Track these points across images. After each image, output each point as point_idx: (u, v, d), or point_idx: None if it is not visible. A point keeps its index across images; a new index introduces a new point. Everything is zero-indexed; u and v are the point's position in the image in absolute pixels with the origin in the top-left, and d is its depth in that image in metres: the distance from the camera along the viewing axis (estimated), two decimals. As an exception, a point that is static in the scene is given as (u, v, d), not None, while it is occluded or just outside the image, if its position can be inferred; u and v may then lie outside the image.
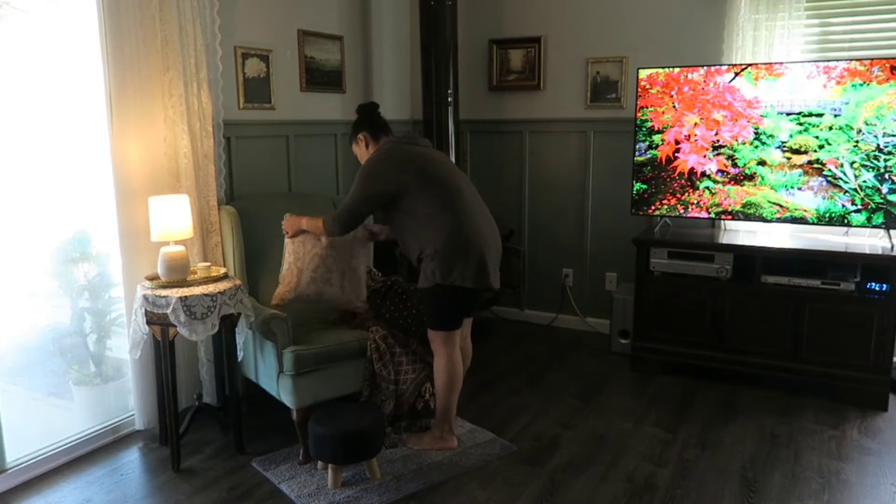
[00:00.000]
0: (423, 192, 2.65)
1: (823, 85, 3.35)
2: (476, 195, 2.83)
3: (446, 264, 2.62)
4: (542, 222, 4.56)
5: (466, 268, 2.63)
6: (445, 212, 2.65)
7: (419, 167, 2.69)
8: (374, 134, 2.83)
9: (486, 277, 2.68)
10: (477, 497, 2.56)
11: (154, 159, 2.97)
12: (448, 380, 2.79)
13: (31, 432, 2.84)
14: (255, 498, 2.58)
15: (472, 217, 2.70)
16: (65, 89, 2.85)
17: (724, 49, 3.76)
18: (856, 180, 3.38)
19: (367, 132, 2.84)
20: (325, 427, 2.55)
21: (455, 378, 2.81)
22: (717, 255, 3.56)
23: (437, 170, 2.73)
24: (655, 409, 3.32)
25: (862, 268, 3.36)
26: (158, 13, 2.87)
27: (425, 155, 2.77)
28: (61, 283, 2.98)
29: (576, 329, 4.52)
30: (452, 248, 2.62)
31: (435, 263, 2.63)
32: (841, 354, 3.31)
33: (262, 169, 3.68)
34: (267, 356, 2.85)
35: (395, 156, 2.70)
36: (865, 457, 2.85)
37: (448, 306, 2.74)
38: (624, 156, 4.08)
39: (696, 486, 2.63)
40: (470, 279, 2.64)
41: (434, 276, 2.64)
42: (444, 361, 2.78)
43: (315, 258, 2.94)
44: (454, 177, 2.78)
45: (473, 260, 2.64)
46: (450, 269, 2.62)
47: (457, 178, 2.79)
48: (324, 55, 4.00)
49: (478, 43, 4.53)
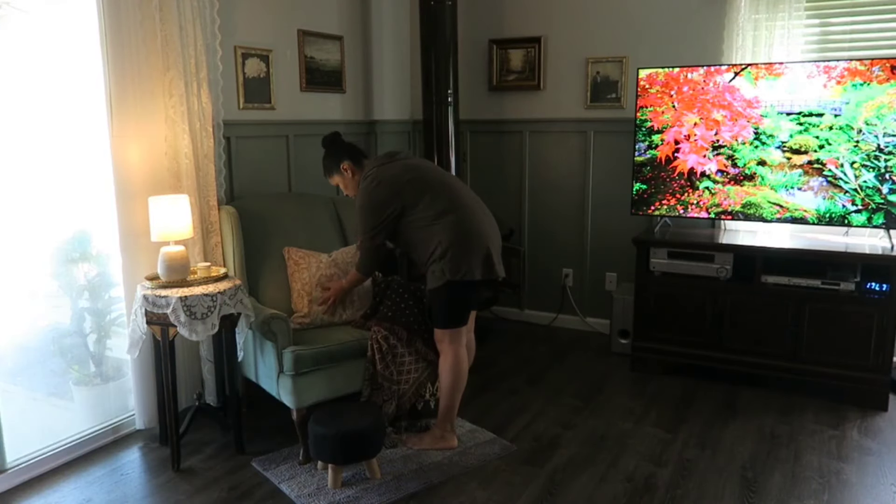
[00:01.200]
0: (421, 201, 2.74)
1: (823, 85, 3.35)
2: (469, 190, 2.92)
3: (455, 261, 2.68)
4: (542, 222, 4.56)
5: (474, 261, 2.71)
6: (446, 212, 2.72)
7: (410, 181, 2.78)
8: (357, 160, 2.93)
9: (492, 267, 2.76)
10: (477, 497, 2.56)
11: (154, 159, 2.97)
12: (454, 378, 2.82)
13: (31, 432, 2.83)
14: (255, 498, 2.58)
15: (471, 212, 2.78)
16: (65, 89, 2.85)
17: (724, 49, 3.76)
18: (856, 180, 3.38)
19: (349, 161, 2.92)
20: (325, 427, 2.55)
21: (461, 376, 2.84)
22: (717, 255, 3.56)
23: (426, 175, 2.83)
24: (655, 409, 3.32)
25: (862, 268, 3.36)
26: (158, 13, 2.87)
27: (410, 167, 2.85)
28: (61, 283, 2.98)
29: (576, 329, 4.52)
30: (458, 245, 2.69)
31: (444, 262, 2.69)
32: (841, 354, 3.31)
33: (262, 169, 3.68)
34: (267, 356, 2.85)
35: (384, 180, 2.77)
36: (865, 457, 2.85)
37: (458, 302, 2.78)
38: (624, 156, 4.08)
39: (696, 486, 2.63)
40: (478, 271, 2.72)
41: (444, 274, 2.69)
42: (451, 359, 2.82)
43: (322, 279, 3.07)
44: (443, 177, 2.90)
45: (479, 252, 2.72)
46: (458, 265, 2.68)
47: (446, 178, 2.92)
48: (324, 55, 4.00)
49: (478, 43, 4.53)
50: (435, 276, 2.72)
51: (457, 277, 2.69)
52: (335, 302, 3.03)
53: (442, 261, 2.69)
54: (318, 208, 3.48)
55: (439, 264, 2.70)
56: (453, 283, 2.70)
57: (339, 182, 2.99)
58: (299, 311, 3.05)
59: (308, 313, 3.04)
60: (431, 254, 2.72)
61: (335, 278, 3.10)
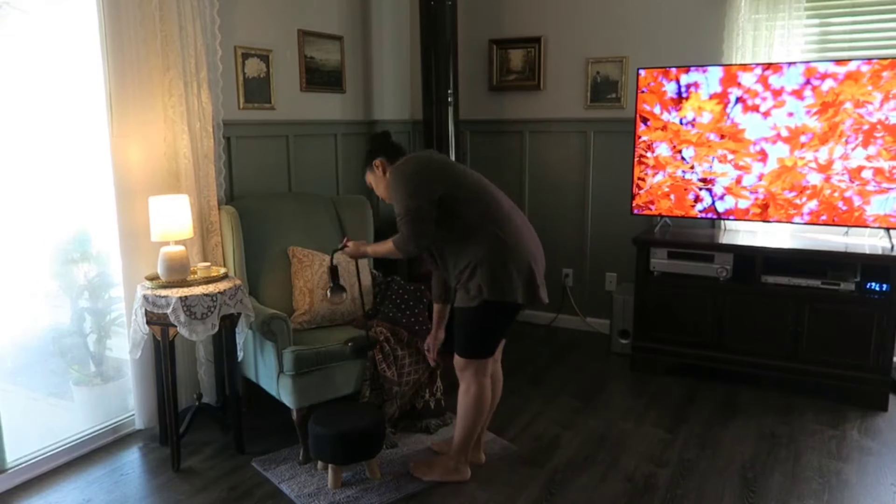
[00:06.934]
0: (463, 197, 2.40)
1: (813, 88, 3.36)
2: (515, 206, 2.55)
3: (494, 278, 2.34)
4: (542, 222, 4.53)
5: (516, 281, 2.36)
6: (487, 221, 2.39)
7: (452, 175, 2.46)
8: (392, 158, 2.56)
9: (535, 291, 2.41)
10: (477, 497, 2.56)
11: (154, 159, 2.97)
12: (475, 412, 2.52)
13: (31, 432, 2.83)
14: (255, 498, 2.58)
15: (516, 227, 2.43)
16: (65, 89, 2.85)
17: (724, 49, 3.76)
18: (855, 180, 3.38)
19: (383, 157, 2.57)
20: (325, 427, 2.55)
21: (482, 410, 2.54)
22: (717, 255, 3.56)
23: (470, 177, 2.50)
24: (655, 409, 3.32)
25: (862, 268, 3.36)
26: (158, 13, 2.87)
27: (451, 163, 2.62)
28: (61, 283, 2.98)
29: (576, 329, 4.52)
30: (498, 261, 2.35)
31: (481, 278, 2.34)
32: (841, 354, 3.31)
33: (262, 169, 3.68)
34: (267, 356, 2.85)
35: (418, 159, 2.50)
36: (865, 457, 2.85)
37: (491, 328, 2.48)
38: (624, 156, 4.08)
39: (696, 486, 2.63)
40: (520, 294, 2.38)
41: (481, 293, 2.35)
42: (475, 390, 2.50)
43: (324, 276, 3.06)
44: (487, 185, 2.52)
45: (523, 273, 2.38)
46: (499, 283, 2.34)
47: (491, 188, 2.52)
48: (324, 55, 4.00)
49: (478, 43, 4.53)
50: (469, 295, 2.38)
51: (496, 297, 2.34)
52: (349, 250, 2.65)
53: (477, 276, 2.34)
54: (318, 208, 3.48)
55: (475, 280, 2.35)
56: (490, 304, 2.36)
57: (371, 180, 2.64)
58: (300, 310, 3.05)
59: (309, 310, 3.03)
60: (466, 266, 2.38)
61: None
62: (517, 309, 2.47)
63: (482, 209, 2.40)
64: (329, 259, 2.67)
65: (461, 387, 2.55)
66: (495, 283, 2.34)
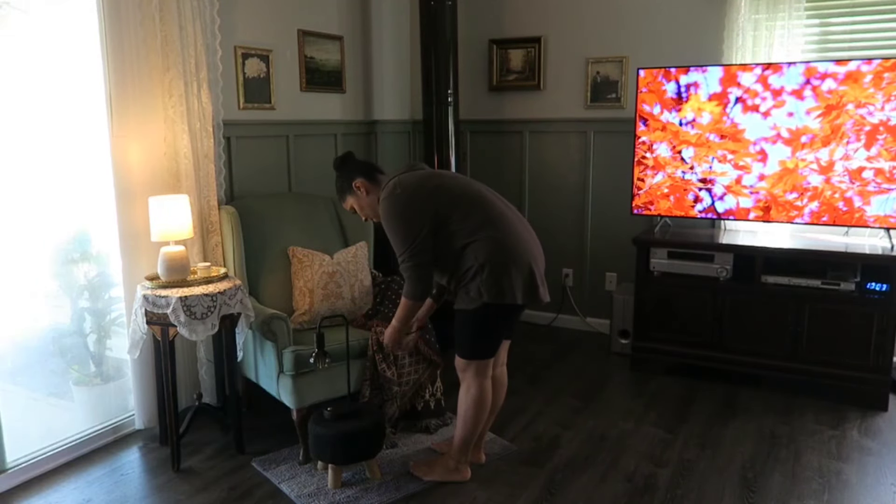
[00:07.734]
0: (455, 210, 2.39)
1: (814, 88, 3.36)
2: (508, 204, 2.55)
3: (494, 280, 2.34)
4: (541, 222, 4.54)
5: (516, 281, 2.36)
6: (483, 225, 2.38)
7: (437, 187, 2.44)
8: (371, 177, 2.55)
9: (535, 291, 2.42)
10: (477, 497, 2.56)
11: (154, 159, 2.97)
12: (476, 412, 2.53)
13: (31, 432, 2.83)
14: (255, 498, 2.58)
15: (512, 227, 2.43)
16: (65, 89, 2.85)
17: (723, 49, 3.76)
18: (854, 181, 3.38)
19: (361, 178, 2.54)
20: (325, 427, 2.55)
21: (483, 411, 2.55)
22: (717, 255, 3.56)
23: (457, 185, 2.50)
24: (655, 409, 3.32)
25: (862, 268, 3.36)
26: (158, 13, 2.87)
27: (434, 174, 2.56)
28: (61, 284, 2.98)
29: (576, 329, 4.52)
30: (498, 262, 2.35)
31: (481, 281, 2.35)
32: (841, 354, 3.31)
33: (262, 169, 3.68)
34: (267, 356, 2.85)
35: (409, 185, 2.42)
36: (865, 457, 2.85)
37: (491, 329, 2.48)
38: (624, 156, 4.08)
39: (696, 486, 2.63)
40: (521, 294, 2.38)
41: (481, 295, 2.35)
42: (476, 391, 2.51)
43: (324, 276, 3.06)
44: (478, 188, 2.51)
45: (522, 271, 2.38)
46: (499, 285, 2.34)
47: (481, 189, 2.51)
48: (324, 55, 4.00)
49: (478, 43, 4.53)
50: (469, 297, 2.39)
51: (496, 299, 2.34)
52: (398, 340, 2.62)
53: (478, 279, 2.35)
54: (318, 208, 3.48)
55: (475, 283, 2.36)
56: (490, 307, 2.37)
57: (353, 204, 2.59)
58: (300, 310, 3.05)
59: (309, 310, 3.03)
60: (466, 270, 2.37)
61: (337, 276, 3.08)
62: (518, 310, 2.49)
63: (479, 219, 2.39)
64: (317, 327, 2.66)
65: (462, 387, 2.55)
66: (495, 285, 2.34)
